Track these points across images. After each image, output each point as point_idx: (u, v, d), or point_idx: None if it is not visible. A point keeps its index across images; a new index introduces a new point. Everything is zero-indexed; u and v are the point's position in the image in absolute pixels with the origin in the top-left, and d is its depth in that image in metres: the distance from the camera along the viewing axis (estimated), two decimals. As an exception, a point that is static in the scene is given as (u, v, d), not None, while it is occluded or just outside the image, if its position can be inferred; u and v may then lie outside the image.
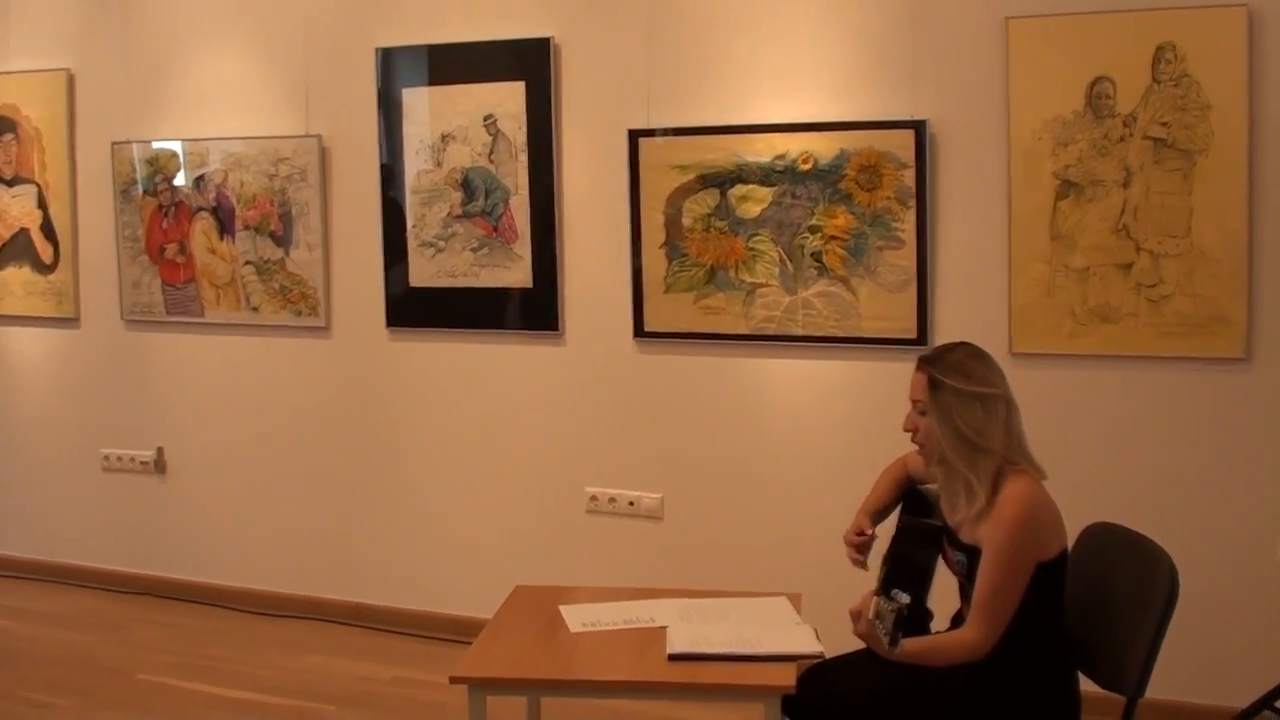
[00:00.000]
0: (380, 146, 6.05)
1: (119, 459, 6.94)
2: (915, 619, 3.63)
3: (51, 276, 7.01)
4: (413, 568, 6.24)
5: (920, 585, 3.73)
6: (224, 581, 6.68)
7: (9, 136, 7.06)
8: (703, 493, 5.63)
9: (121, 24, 6.66)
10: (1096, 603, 3.67)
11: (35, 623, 6.52)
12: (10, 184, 7.08)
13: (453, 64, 5.87)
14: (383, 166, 6.06)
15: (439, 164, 5.91)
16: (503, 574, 5.58)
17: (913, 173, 5.10)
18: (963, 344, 3.70)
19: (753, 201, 5.35)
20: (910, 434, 3.68)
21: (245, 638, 6.23)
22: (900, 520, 3.93)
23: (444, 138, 5.89)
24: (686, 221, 5.46)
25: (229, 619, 6.49)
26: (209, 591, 6.71)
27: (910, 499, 4.00)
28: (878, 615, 3.44)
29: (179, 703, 5.50)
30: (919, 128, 5.07)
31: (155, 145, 6.61)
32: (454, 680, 3.73)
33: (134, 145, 6.65)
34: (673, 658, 3.69)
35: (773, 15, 5.32)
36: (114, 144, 6.71)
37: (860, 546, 3.93)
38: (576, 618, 4.04)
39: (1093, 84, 4.85)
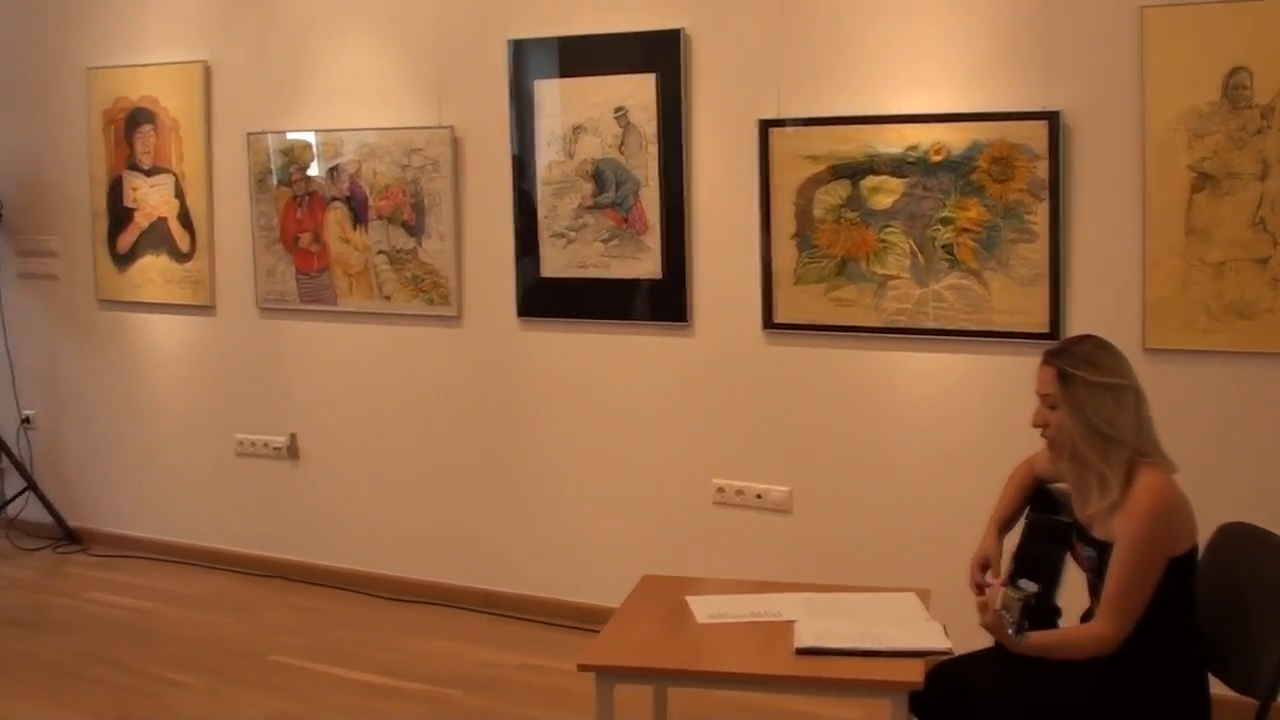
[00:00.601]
0: (512, 138, 6.09)
1: (253, 444, 7.06)
2: (1043, 615, 3.59)
3: (188, 265, 7.14)
4: (541, 556, 6.28)
5: (1049, 581, 3.70)
6: (354, 566, 6.77)
7: (147, 128, 7.19)
8: (831, 486, 5.61)
9: (257, 16, 6.76)
10: (1231, 604, 3.60)
11: (171, 604, 6.65)
12: (149, 174, 7.22)
13: (584, 56, 5.89)
14: (514, 158, 6.09)
15: (570, 155, 5.94)
16: (630, 563, 5.59)
17: (1046, 165, 5.03)
18: (1089, 336, 3.66)
19: (884, 193, 5.32)
20: (1040, 429, 3.65)
21: (374, 622, 6.31)
22: (1028, 517, 3.89)
23: (575, 129, 5.91)
24: (817, 212, 5.44)
25: (358, 603, 6.57)
26: (339, 576, 6.80)
27: (1038, 498, 3.96)
28: (1004, 605, 3.42)
29: (308, 684, 5.59)
30: (1052, 119, 5.01)
31: (290, 136, 6.70)
32: (582, 668, 3.75)
33: (269, 136, 6.75)
34: (800, 651, 3.67)
35: (904, 4, 5.28)
36: (249, 135, 6.81)
37: (980, 586, 3.86)
38: (703, 609, 4.05)
39: (1229, 75, 4.75)
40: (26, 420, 7.85)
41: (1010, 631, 3.38)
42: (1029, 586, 3.40)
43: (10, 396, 7.87)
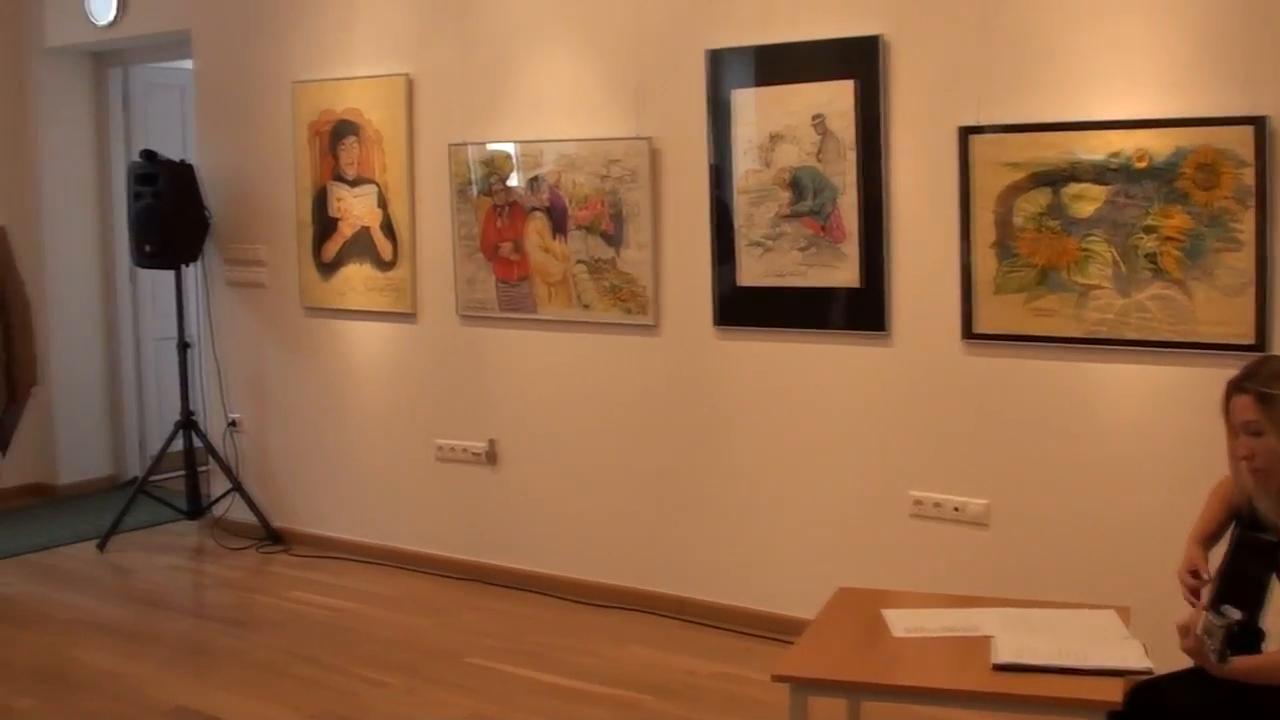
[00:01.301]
0: (709, 147, 6.10)
1: (452, 449, 7.16)
2: (1247, 637, 3.49)
3: (391, 273, 7.27)
4: (736, 564, 6.27)
5: (1254, 602, 3.58)
6: (551, 571, 6.83)
7: (351, 139, 7.35)
8: (1030, 500, 5.51)
9: (459, 31, 6.87)
10: None
11: (371, 604, 6.78)
12: (353, 184, 7.38)
13: (781, 64, 5.87)
14: (711, 167, 6.10)
15: (767, 164, 5.93)
16: (825, 574, 5.57)
17: (1252, 171, 4.89)
18: (1270, 356, 3.53)
19: (1086, 200, 5.22)
20: (1246, 461, 3.52)
21: (570, 626, 6.36)
22: (1234, 533, 3.77)
23: (772, 138, 5.90)
24: (1018, 220, 5.36)
25: (555, 607, 6.63)
26: (536, 580, 6.87)
27: (1242, 514, 3.84)
28: (1206, 631, 3.33)
29: (504, 686, 5.65)
30: (1259, 124, 4.85)
31: (490, 147, 6.80)
32: (777, 678, 3.74)
33: (470, 147, 6.85)
34: (997, 668, 3.62)
35: (1107, 8, 5.17)
36: (451, 146, 6.92)
37: (1196, 590, 3.75)
38: (899, 622, 4.01)
39: None
40: (233, 423, 8.07)
41: (1213, 659, 3.29)
42: (1232, 613, 3.30)
43: (218, 400, 8.10)
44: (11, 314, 6.89)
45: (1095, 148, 5.16)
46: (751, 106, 5.96)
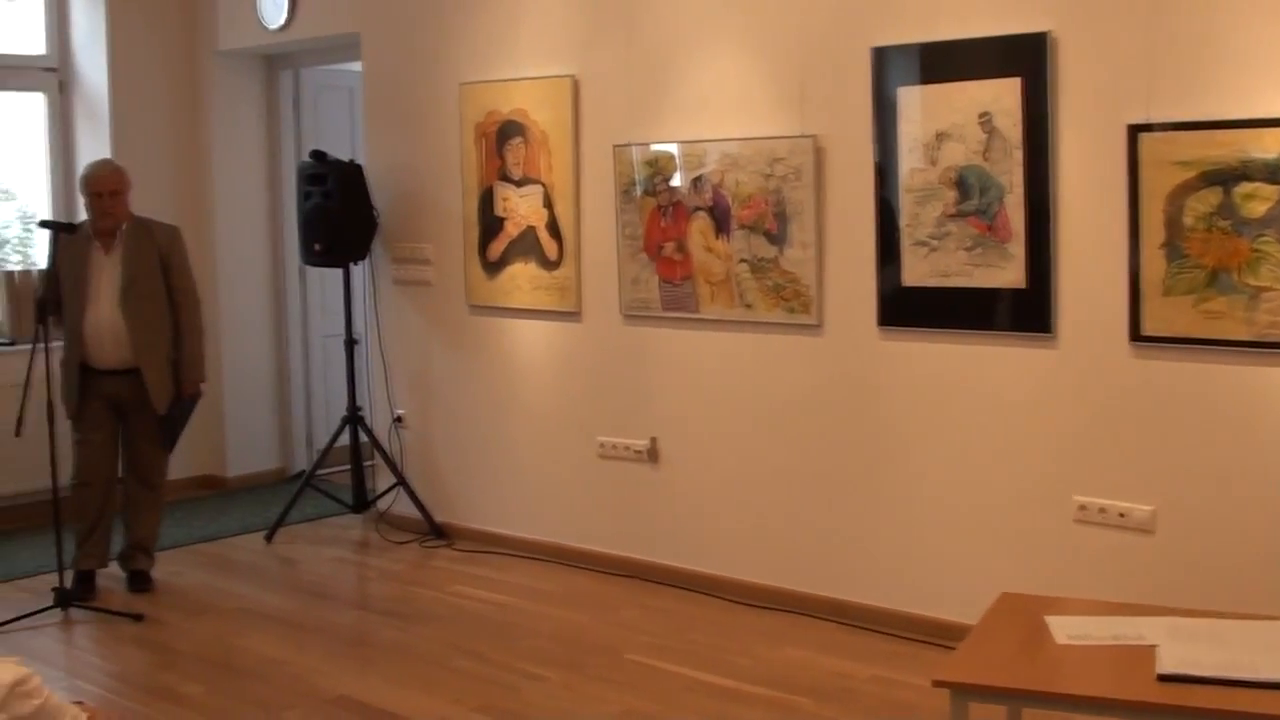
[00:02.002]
0: (874, 145, 6.05)
1: (614, 447, 7.19)
2: None
3: (556, 272, 7.32)
4: (896, 568, 6.21)
5: None
6: (709, 570, 6.82)
7: (518, 140, 7.41)
8: (1198, 507, 5.38)
9: (624, 32, 6.90)
10: None
11: (531, 599, 6.83)
12: (519, 184, 7.44)
13: (947, 62, 5.81)
14: (876, 166, 6.06)
15: (933, 162, 5.87)
16: (986, 580, 5.49)
17: None
18: None
19: (1258, 200, 5.08)
20: None
21: (727, 626, 6.35)
22: None
23: (938, 136, 5.83)
24: (1188, 221, 5.23)
25: (712, 606, 6.62)
26: (695, 579, 6.86)
27: None
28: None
29: (662, 684, 5.66)
30: None
31: (654, 147, 6.82)
32: (937, 684, 3.70)
33: (634, 148, 6.88)
34: (1162, 678, 3.54)
35: (1282, 2, 5.04)
36: (615, 146, 6.95)
37: None
38: (1063, 629, 3.95)
39: None
40: (399, 419, 8.19)
41: None
42: None
43: (384, 396, 8.22)
44: (182, 312, 7.05)
45: (1268, 146, 5.02)
46: (917, 104, 5.90)
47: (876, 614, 6.24)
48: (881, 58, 6.00)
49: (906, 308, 6.05)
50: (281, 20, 8.64)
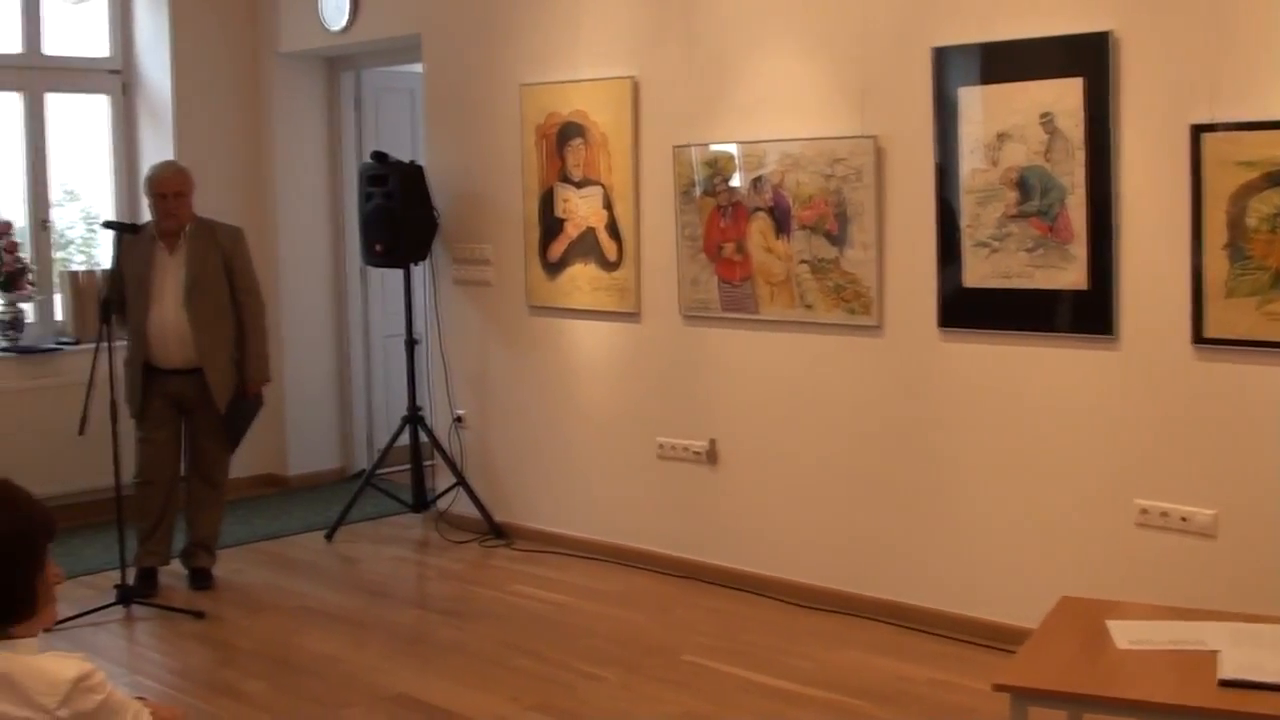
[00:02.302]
0: (935, 146, 6.02)
1: (673, 448, 7.19)
2: None
3: (615, 273, 7.33)
4: (954, 570, 6.18)
5: None
6: (768, 571, 6.81)
7: (578, 141, 7.43)
8: (1261, 511, 5.32)
9: (683, 32, 6.89)
10: None
11: (589, 599, 6.84)
12: (579, 185, 7.45)
13: (1008, 61, 5.77)
14: (937, 166, 6.03)
15: (994, 163, 5.83)
16: (1046, 583, 5.45)
17: None
18: None
19: (1323, 201, 5.03)
20: None
21: (785, 627, 6.34)
22: None
23: (999, 136, 5.80)
24: (1251, 222, 5.17)
25: (770, 608, 6.61)
26: (753, 580, 6.85)
27: None
28: None
29: (719, 685, 5.65)
30: None
31: (714, 148, 6.81)
32: (997, 687, 3.67)
33: (693, 148, 6.87)
34: (1224, 684, 3.51)
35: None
36: (675, 147, 6.95)
37: None
38: (1123, 634, 3.92)
39: None
40: (458, 419, 8.22)
41: None
42: None
43: (444, 396, 8.25)
44: (246, 312, 7.10)
45: (1335, 146, 4.97)
46: (978, 105, 5.87)
47: (935, 617, 6.21)
48: (942, 58, 5.97)
49: (967, 309, 6.02)
50: (343, 22, 8.68)
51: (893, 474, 6.35)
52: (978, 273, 5.94)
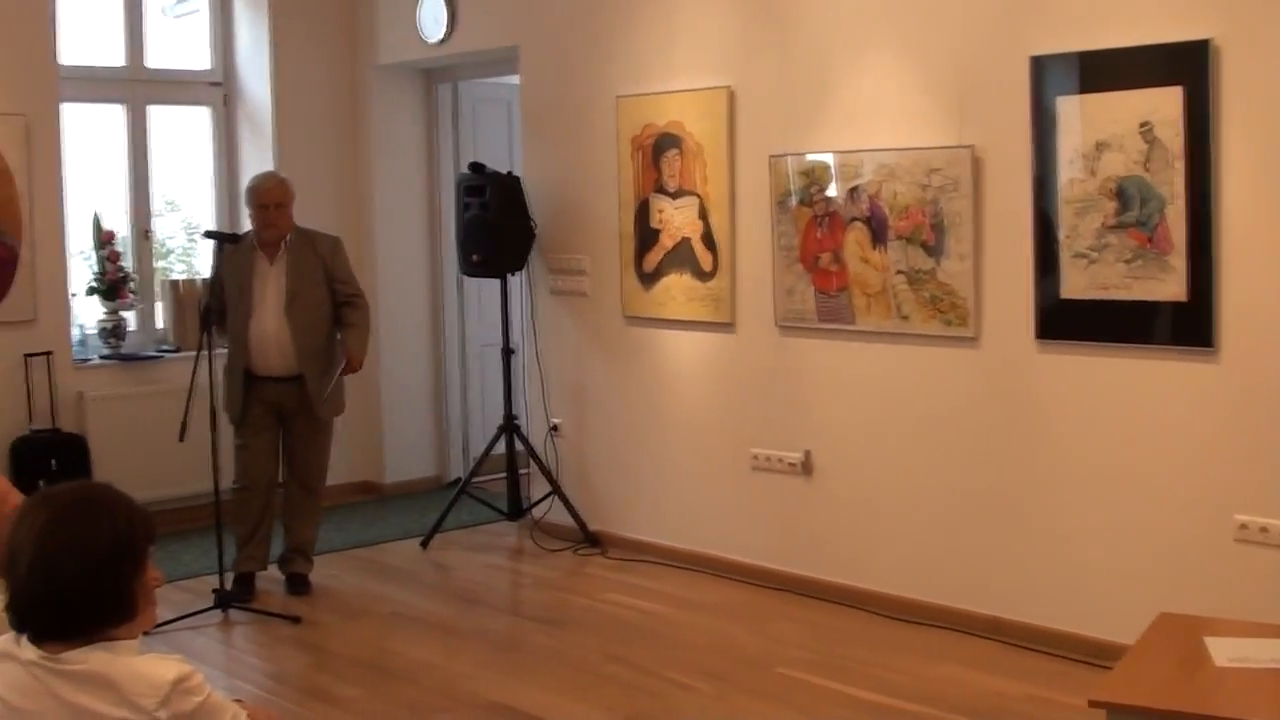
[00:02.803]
0: (1032, 156, 5.97)
1: (768, 459, 7.17)
2: None
3: (710, 283, 7.32)
4: (1051, 585, 6.11)
5: None
6: (862, 584, 6.77)
7: (673, 152, 7.43)
8: (1370, 526, 5.24)
9: (780, 42, 6.88)
10: None
11: (683, 609, 6.84)
12: (674, 196, 7.46)
13: (1107, 70, 5.71)
14: (1034, 176, 5.97)
15: (1092, 173, 5.77)
16: (1143, 599, 5.37)
17: None
18: None
19: None
20: None
21: (880, 641, 6.30)
22: None
23: (1098, 146, 5.73)
24: (1356, 233, 5.09)
25: (865, 621, 6.57)
26: (847, 593, 6.82)
27: None
28: None
29: (812, 698, 5.63)
30: None
31: (809, 158, 6.79)
32: (1093, 704, 3.62)
33: (789, 158, 6.86)
34: (1326, 701, 3.46)
35: None
36: (771, 157, 6.94)
37: None
38: (1222, 651, 3.85)
39: None
40: (554, 428, 8.24)
41: None
42: None
43: (540, 405, 8.28)
44: (354, 312, 7.16)
45: None
46: (1076, 114, 5.81)
47: (1032, 631, 6.15)
48: (1040, 67, 5.92)
49: (1065, 320, 5.95)
50: (441, 34, 8.75)
51: (989, 487, 6.29)
52: (1075, 284, 5.88)
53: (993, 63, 6.10)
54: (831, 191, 6.71)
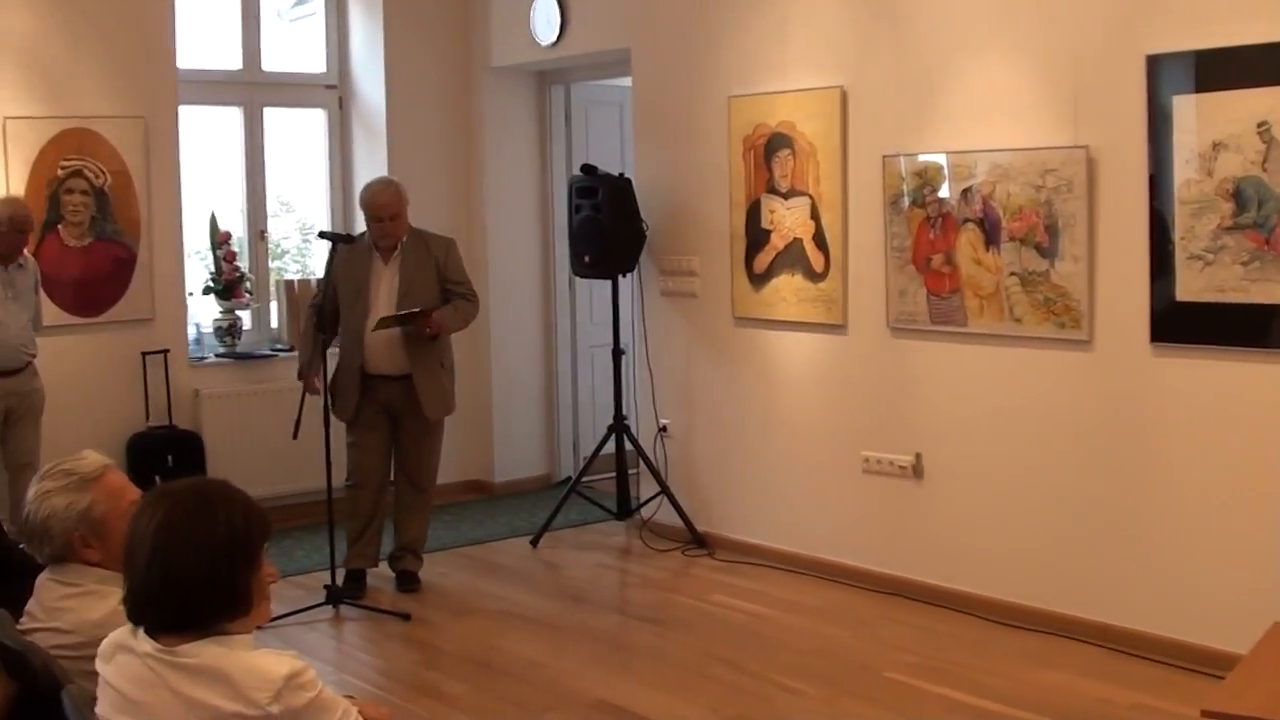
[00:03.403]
0: (1147, 156, 5.89)
1: (878, 462, 7.13)
2: None
3: (821, 284, 7.30)
4: (1162, 593, 6.02)
5: None
6: (970, 589, 6.71)
7: (785, 152, 7.41)
8: None
9: (892, 41, 6.85)
10: None
11: (790, 612, 6.82)
12: (786, 197, 7.44)
13: (1224, 69, 5.61)
14: (1150, 177, 5.89)
15: (1209, 174, 5.68)
16: (1258, 608, 5.26)
17: None
18: None
19: None
20: None
21: (987, 646, 6.24)
22: None
23: (1214, 146, 5.64)
24: None
25: (973, 626, 6.52)
26: (955, 597, 6.76)
27: None
28: None
29: (919, 703, 5.59)
30: None
31: (922, 158, 6.75)
32: (1206, 714, 3.55)
33: (902, 158, 6.82)
34: None
35: None
36: (884, 157, 6.90)
37: None
38: (1339, 660, 3.79)
39: None
40: (663, 428, 8.25)
41: None
42: None
43: (649, 406, 8.30)
44: (461, 301, 7.21)
45: None
46: (1192, 113, 5.72)
47: (1141, 639, 6.06)
48: (1156, 65, 5.83)
49: (1180, 323, 5.87)
50: (553, 37, 8.79)
51: (1102, 491, 6.21)
52: (1191, 286, 5.80)
53: (1108, 61, 6.03)
54: (944, 192, 6.66)
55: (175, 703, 2.79)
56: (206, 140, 8.97)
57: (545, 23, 8.83)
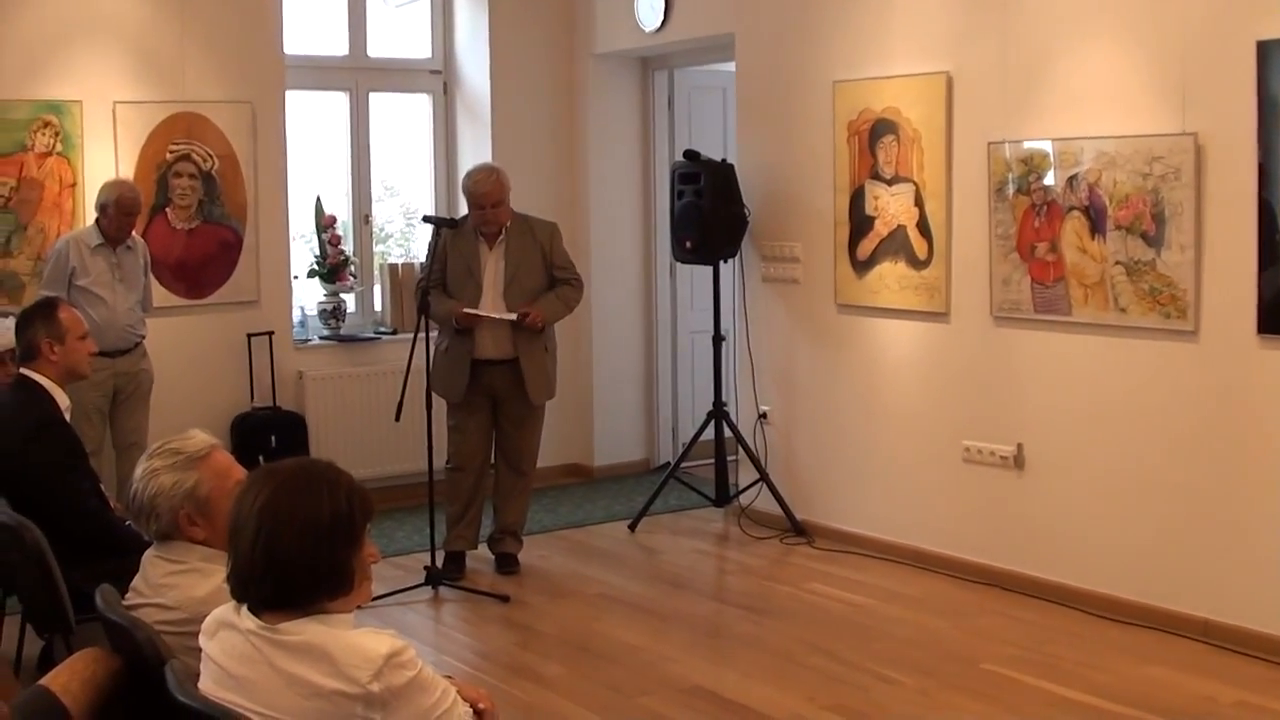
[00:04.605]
0: (1258, 144, 5.79)
1: (979, 452, 7.07)
2: None
3: (925, 272, 7.25)
4: (1267, 588, 5.91)
5: None
6: (1071, 581, 6.64)
7: (890, 138, 7.37)
8: None
9: (999, 26, 6.78)
10: None
11: (888, 601, 6.79)
12: (890, 183, 7.40)
13: (1340, 57, 5.53)
14: (1260, 165, 5.80)
15: (1321, 163, 5.59)
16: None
17: None
18: None
19: None
20: None
21: (1089, 640, 6.18)
22: None
23: (1325, 135, 5.56)
24: None
25: (1074, 619, 6.45)
26: (1056, 590, 6.70)
27: None
28: None
29: (1018, 695, 5.55)
30: None
31: (1027, 145, 6.68)
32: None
33: (1007, 145, 6.76)
34: None
35: None
36: (989, 144, 6.84)
37: None
38: None
39: None
40: (763, 415, 8.24)
41: None
42: None
43: (749, 392, 8.29)
44: (565, 287, 7.25)
45: None
46: (1303, 102, 5.63)
47: (1246, 636, 5.98)
48: (1267, 51, 5.73)
49: (1287, 315, 5.78)
50: (658, 22, 8.80)
51: (1205, 485, 6.13)
52: (1301, 278, 5.71)
53: (1217, 47, 5.93)
54: (1049, 180, 6.59)
55: (276, 679, 2.83)
56: (312, 125, 9.07)
57: (650, 9, 8.83)
